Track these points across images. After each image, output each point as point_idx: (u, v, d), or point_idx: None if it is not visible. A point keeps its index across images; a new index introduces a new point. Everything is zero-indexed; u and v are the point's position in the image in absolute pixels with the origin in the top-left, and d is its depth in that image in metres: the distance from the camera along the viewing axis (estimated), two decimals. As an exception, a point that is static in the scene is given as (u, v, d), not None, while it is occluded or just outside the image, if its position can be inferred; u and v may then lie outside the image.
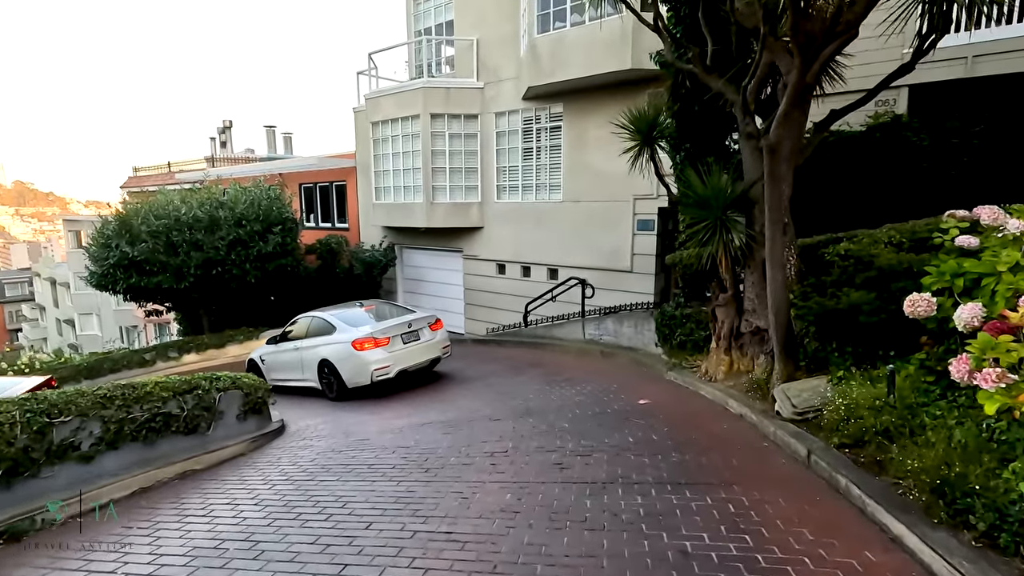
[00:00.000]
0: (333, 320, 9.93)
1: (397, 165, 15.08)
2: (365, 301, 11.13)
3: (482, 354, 11.74)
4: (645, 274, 11.96)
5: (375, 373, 9.04)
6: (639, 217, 11.93)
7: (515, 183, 13.93)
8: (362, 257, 15.70)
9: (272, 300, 17.49)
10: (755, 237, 6.35)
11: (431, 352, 9.78)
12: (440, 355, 10.01)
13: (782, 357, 5.70)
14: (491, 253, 14.56)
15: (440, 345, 9.94)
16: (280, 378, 10.57)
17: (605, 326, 10.25)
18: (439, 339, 9.94)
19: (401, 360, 9.25)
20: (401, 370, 9.24)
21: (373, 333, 9.24)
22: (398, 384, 9.52)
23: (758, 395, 6.07)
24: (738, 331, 6.80)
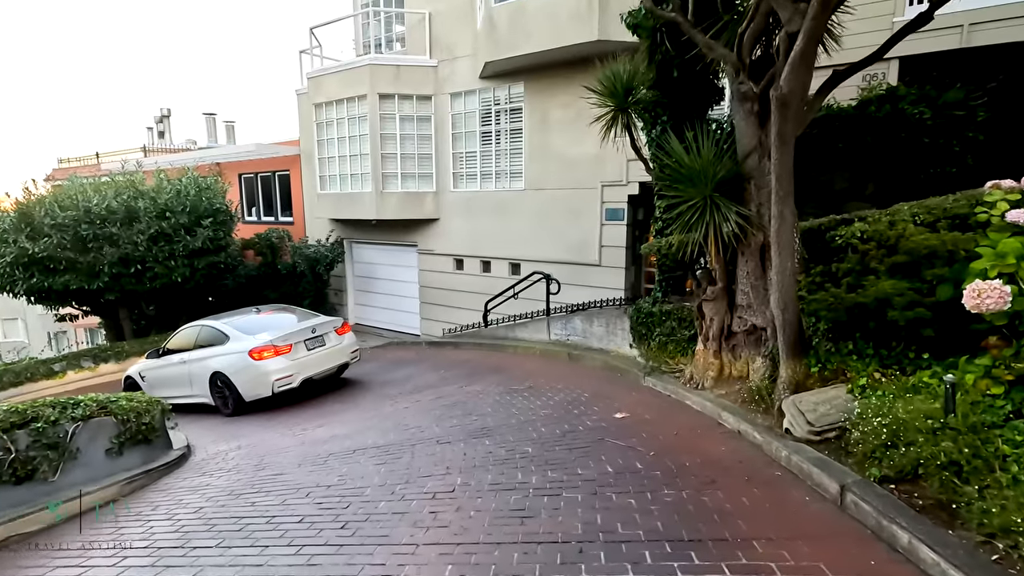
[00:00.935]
0: (226, 328, 8.82)
1: (343, 151, 13.60)
2: (263, 307, 10.24)
3: (436, 358, 10.45)
4: (615, 268, 10.90)
5: (276, 383, 8.16)
6: (608, 206, 10.86)
7: (473, 170, 12.68)
8: (306, 253, 14.15)
9: (212, 302, 15.74)
10: (750, 219, 5.30)
11: (338, 358, 9.11)
12: (348, 360, 9.39)
13: (790, 361, 4.65)
14: (448, 247, 13.27)
15: (348, 350, 9.32)
16: (165, 396, 9.24)
17: (573, 325, 9.13)
18: (346, 344, 9.31)
19: (306, 368, 8.50)
20: (306, 379, 8.53)
21: (273, 340, 8.25)
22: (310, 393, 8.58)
23: (759, 407, 5.01)
24: (729, 330, 5.74)
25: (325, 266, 14.23)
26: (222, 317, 9.53)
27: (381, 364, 10.70)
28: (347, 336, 9.48)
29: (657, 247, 6.85)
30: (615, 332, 8.26)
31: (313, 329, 8.89)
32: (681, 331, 6.64)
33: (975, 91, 6.84)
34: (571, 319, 9.18)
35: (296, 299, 14.95)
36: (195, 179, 13.72)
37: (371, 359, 11.43)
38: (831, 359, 4.59)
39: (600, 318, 8.56)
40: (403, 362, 10.55)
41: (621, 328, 8.08)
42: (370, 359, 11.43)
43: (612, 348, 8.30)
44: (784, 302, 4.50)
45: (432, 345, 11.68)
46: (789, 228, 4.44)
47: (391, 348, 12.35)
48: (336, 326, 9.39)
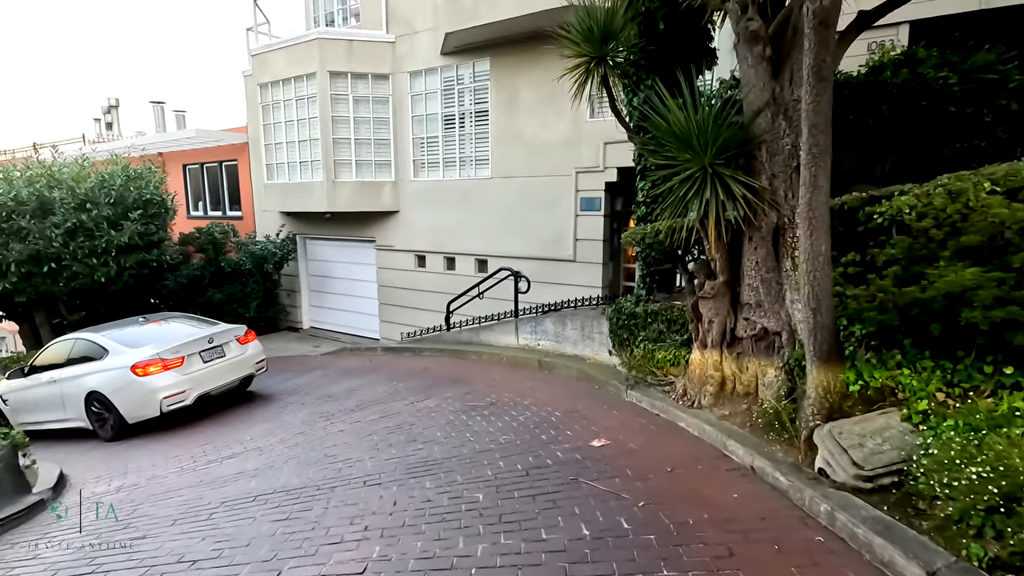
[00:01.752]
0: (104, 341, 7.57)
1: (291, 136, 12.16)
2: (151, 315, 8.97)
3: (391, 366, 9.13)
4: (591, 263, 9.73)
5: (166, 402, 7.04)
6: (583, 195, 9.69)
7: (435, 157, 11.38)
8: (252, 250, 12.65)
9: (153, 304, 14.12)
10: (760, 194, 4.14)
11: (240, 370, 8.06)
12: (253, 372, 8.35)
13: (823, 376, 3.50)
14: (408, 242, 11.95)
15: (252, 361, 8.30)
16: (32, 421, 8.06)
17: (544, 328, 7.92)
18: (250, 354, 8.27)
19: (201, 383, 7.39)
20: (201, 395, 7.40)
21: (160, 353, 7.17)
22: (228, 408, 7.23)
23: (776, 435, 3.85)
24: (732, 335, 4.59)
25: (274, 264, 12.75)
26: (102, 328, 8.24)
27: (327, 374, 9.34)
28: (251, 345, 8.35)
29: (641, 235, 5.67)
30: (592, 336, 7.07)
31: (210, 339, 7.66)
32: (671, 335, 5.47)
33: (1006, 52, 5.83)
34: (542, 321, 7.97)
35: (243, 301, 13.47)
36: (123, 166, 12.11)
37: (319, 367, 10.05)
38: (874, 374, 3.45)
39: (575, 320, 7.37)
40: (352, 371, 9.21)
41: (599, 331, 6.89)
42: (317, 367, 10.05)
43: (588, 355, 7.11)
44: (817, 299, 3.35)
45: (389, 351, 10.35)
46: (824, 200, 3.29)
47: (343, 355, 10.98)
48: (238, 334, 8.21)
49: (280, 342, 13.19)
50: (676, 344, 5.30)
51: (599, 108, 9.46)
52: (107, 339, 7.51)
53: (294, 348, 12.55)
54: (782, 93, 4.06)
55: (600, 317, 6.82)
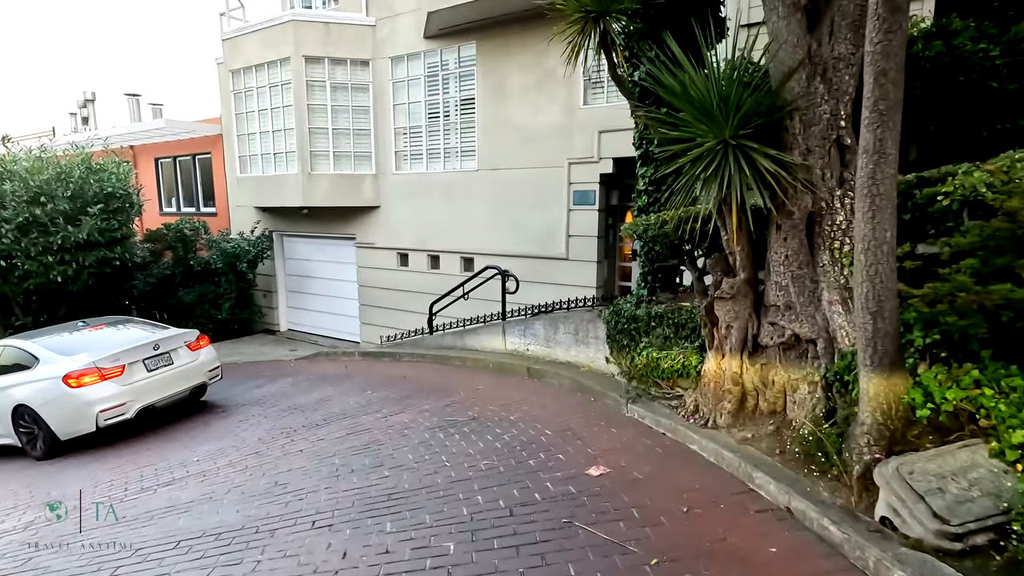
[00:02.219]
0: (35, 349, 6.75)
1: (265, 126, 11.33)
2: (92, 319, 8.08)
3: (367, 373, 8.33)
4: (584, 262, 8.99)
5: (103, 416, 6.23)
6: (576, 188, 8.95)
7: (418, 148, 10.59)
8: (223, 247, 11.78)
9: (124, 305, 13.21)
10: (793, 172, 3.41)
11: (190, 379, 7.23)
12: (205, 381, 7.51)
13: (882, 396, 2.76)
14: (390, 239, 11.15)
15: (204, 369, 7.45)
16: None
17: (534, 331, 7.16)
18: (202, 361, 7.48)
19: (144, 394, 6.61)
20: (144, 407, 6.59)
21: (97, 362, 6.39)
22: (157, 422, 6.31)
23: (820, 469, 3.11)
24: (755, 342, 3.85)
25: (247, 263, 11.89)
26: (36, 334, 7.43)
27: (298, 381, 8.52)
28: (203, 352, 7.54)
29: (643, 227, 4.92)
30: (587, 341, 6.31)
31: (155, 345, 6.86)
32: (679, 342, 4.72)
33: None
34: (531, 324, 7.20)
35: (215, 302, 12.60)
36: (83, 158, 11.21)
37: (291, 373, 9.22)
38: (946, 395, 2.72)
39: (568, 323, 6.61)
40: (326, 378, 8.40)
41: (594, 336, 6.14)
42: (289, 373, 9.22)
43: (583, 362, 6.35)
44: (879, 300, 2.62)
45: (367, 356, 9.54)
46: (893, 171, 2.57)
47: (319, 360, 10.16)
48: (188, 340, 7.40)
49: (254, 345, 12.34)
50: (685, 352, 4.55)
51: (593, 94, 8.74)
52: (38, 346, 6.66)
53: (268, 352, 11.71)
54: (819, 50, 3.34)
55: (596, 320, 6.07)
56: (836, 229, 3.37)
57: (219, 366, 7.68)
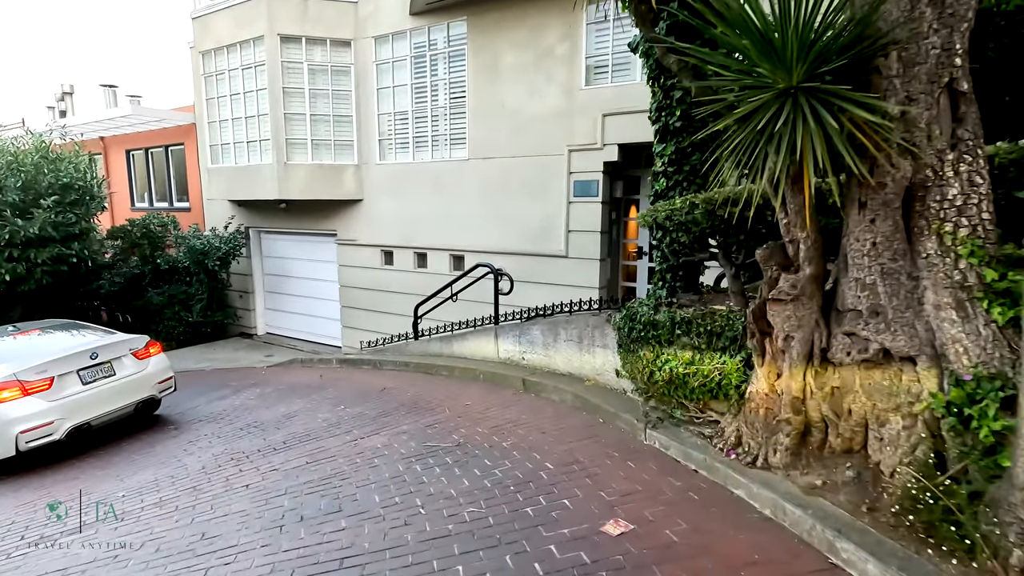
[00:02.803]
0: None
1: (238, 112, 10.34)
2: (24, 324, 7.17)
3: (344, 384, 7.36)
4: (586, 259, 8.06)
5: (24, 437, 5.22)
6: (577, 178, 8.02)
7: (404, 136, 9.63)
8: (191, 243, 10.76)
9: (89, 307, 12.17)
10: (882, 130, 2.48)
11: (136, 392, 6.16)
12: (155, 394, 6.43)
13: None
14: (374, 236, 10.18)
15: (154, 380, 6.40)
16: None
17: (530, 338, 6.21)
18: (151, 371, 6.40)
19: (77, 411, 5.59)
20: (77, 427, 5.56)
21: (19, 374, 5.47)
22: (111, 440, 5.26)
23: (940, 540, 2.18)
24: (824, 356, 2.91)
25: (218, 261, 10.87)
26: None
27: (267, 393, 7.54)
28: (153, 361, 6.50)
29: (667, 213, 3.98)
30: (592, 350, 5.37)
31: (93, 353, 5.83)
32: (711, 354, 3.77)
33: None
34: (528, 329, 6.25)
35: (186, 303, 11.58)
36: (37, 146, 10.18)
37: (261, 383, 8.22)
38: None
39: (570, 329, 5.66)
40: (298, 389, 7.42)
41: (601, 344, 5.20)
42: (259, 383, 8.23)
43: (588, 374, 5.41)
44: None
45: (346, 364, 8.56)
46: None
47: (294, 368, 9.16)
48: (135, 347, 6.36)
49: (226, 351, 11.32)
50: (722, 367, 3.61)
51: (597, 73, 7.81)
52: (-51, 356, 5.65)
53: (241, 358, 10.70)
54: (928, -40, 2.41)
55: (604, 326, 5.12)
56: (947, 207, 2.45)
57: (172, 377, 6.69)
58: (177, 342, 11.83)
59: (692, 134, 4.46)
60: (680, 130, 4.51)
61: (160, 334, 11.83)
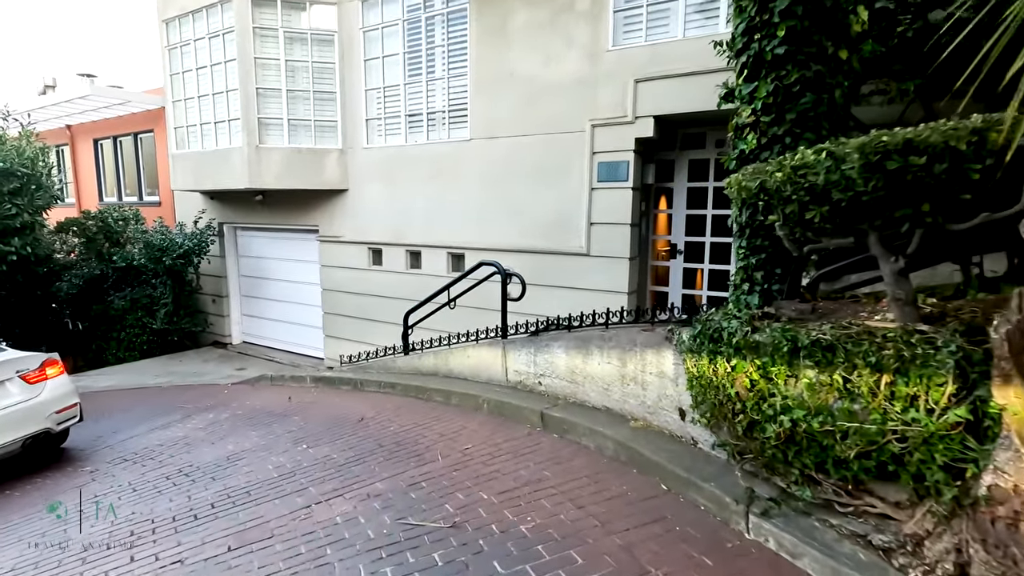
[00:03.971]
0: None
1: (205, 88, 8.86)
2: None
3: (313, 410, 5.82)
4: (612, 258, 6.56)
5: None
6: (601, 159, 6.52)
7: (396, 115, 8.15)
8: (148, 239, 9.25)
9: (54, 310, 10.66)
10: None
11: (24, 425, 4.73)
12: (51, 427, 4.96)
13: None
14: (360, 232, 8.68)
15: (49, 410, 4.93)
16: None
17: (550, 357, 4.70)
18: (46, 398, 4.94)
19: None
20: None
21: None
22: None
23: None
24: None
25: (180, 259, 9.34)
26: None
27: (220, 420, 6.01)
28: (49, 385, 5.00)
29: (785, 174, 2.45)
30: (642, 379, 3.85)
31: None
32: (879, 402, 2.24)
33: None
34: (547, 346, 4.73)
35: (149, 308, 10.08)
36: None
37: (217, 406, 6.70)
38: None
39: (608, 348, 4.14)
40: (259, 416, 5.90)
41: (655, 371, 3.68)
42: (215, 406, 6.70)
43: (635, 411, 3.89)
44: None
45: (323, 382, 7.03)
46: None
47: (262, 386, 7.64)
48: (25, 368, 4.86)
49: (194, 363, 9.80)
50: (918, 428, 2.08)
51: (628, 29, 6.31)
52: None
53: (209, 372, 9.17)
54: None
55: (661, 346, 3.59)
56: None
57: (77, 404, 5.18)
58: (141, 352, 10.33)
59: (804, 66, 2.97)
60: (783, 60, 3.01)
61: (122, 343, 10.35)
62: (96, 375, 9.19)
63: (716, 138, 6.57)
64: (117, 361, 10.40)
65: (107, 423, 6.55)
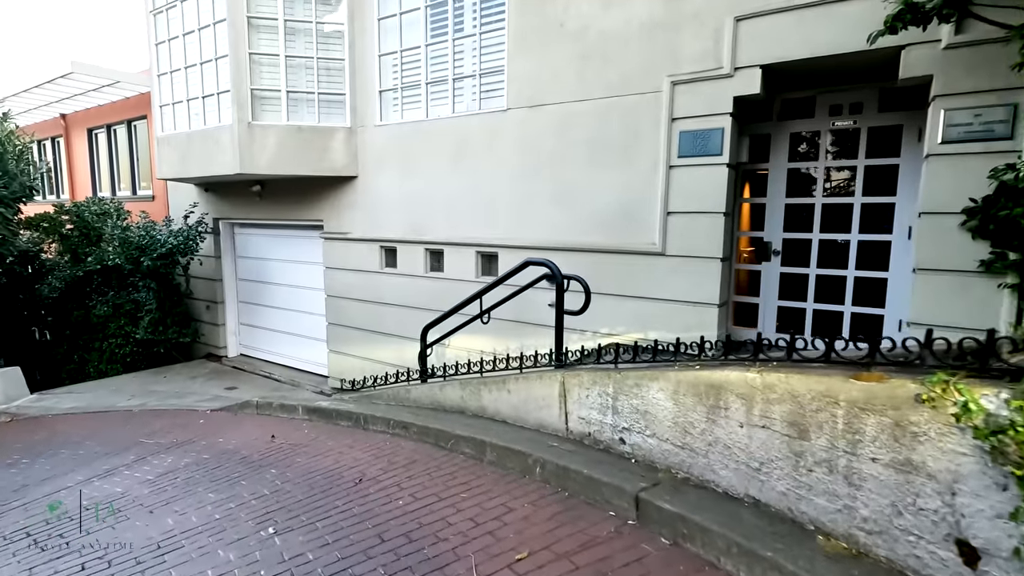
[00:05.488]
0: None
1: (193, 57, 7.47)
2: None
3: (297, 457, 4.25)
4: (696, 258, 4.90)
5: None
6: (684, 126, 4.88)
7: (415, 84, 6.64)
8: (125, 236, 7.87)
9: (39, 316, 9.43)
10: None
11: None
12: None
13: None
14: (371, 226, 7.17)
15: None
16: None
17: (640, 403, 3.08)
18: None
19: None
20: None
21: None
22: None
23: None
24: None
25: (158, 259, 7.91)
26: None
27: (179, 468, 4.49)
28: None
29: None
30: (854, 470, 2.20)
31: None
32: None
33: None
34: (637, 386, 3.10)
35: (133, 315, 8.72)
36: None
37: (181, 444, 5.18)
38: None
39: (769, 402, 2.51)
40: (227, 465, 4.37)
41: (894, 459, 2.03)
42: (179, 444, 5.18)
43: (830, 522, 2.24)
44: None
45: (316, 416, 5.47)
46: None
47: (245, 416, 6.10)
48: None
49: (179, 380, 8.37)
50: None
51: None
52: None
53: (194, 392, 7.72)
54: None
55: (905, 409, 1.93)
56: None
57: None
58: (124, 365, 8.96)
59: None
60: None
61: (104, 355, 8.99)
62: (63, 394, 7.81)
63: (831, 103, 4.91)
64: (98, 375, 9.04)
65: (43, 465, 5.09)
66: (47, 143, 12.95)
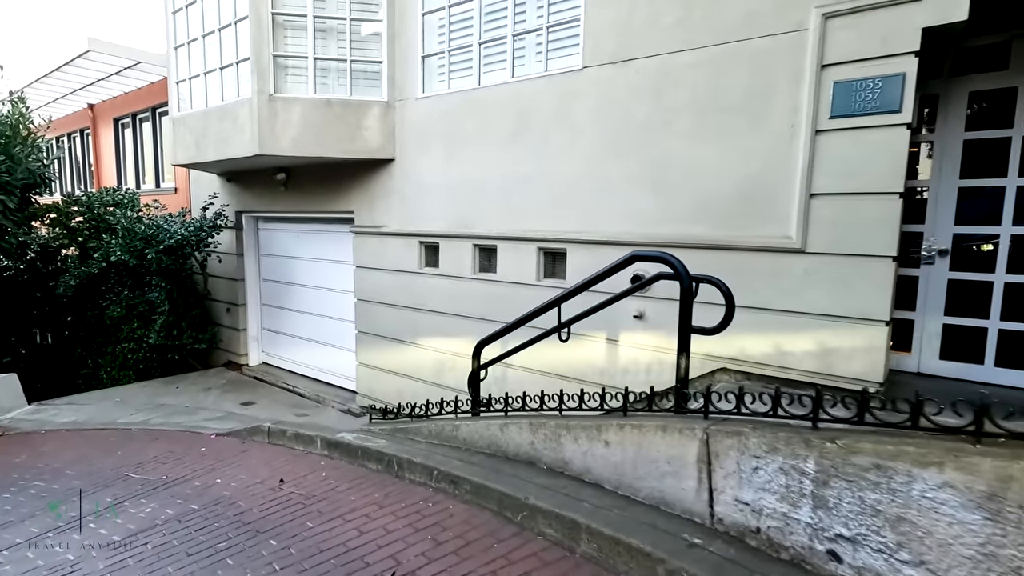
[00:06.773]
0: None
1: (211, 23, 6.50)
2: None
3: (304, 522, 3.07)
4: (853, 256, 3.50)
5: None
6: (840, 75, 3.50)
7: (465, 45, 5.44)
8: (131, 227, 6.91)
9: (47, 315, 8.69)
10: None
11: None
12: None
13: None
14: (409, 218, 6.00)
15: None
16: None
17: (875, 496, 1.76)
18: None
19: None
20: None
21: None
22: None
23: None
24: None
25: (164, 251, 6.90)
26: None
27: (156, 526, 3.38)
28: None
29: None
30: None
31: None
32: None
33: None
34: (878, 469, 1.78)
35: (146, 317, 7.80)
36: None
37: (180, 482, 4.08)
38: None
39: None
40: (215, 525, 3.24)
41: None
42: (175, 484, 4.08)
43: None
44: None
45: (340, 452, 4.29)
46: None
47: (253, 445, 4.97)
48: None
49: (191, 392, 7.37)
50: None
51: None
52: None
53: (206, 407, 6.69)
54: None
55: None
56: None
57: None
58: (136, 372, 8.06)
59: None
60: None
61: (117, 360, 8.11)
62: (63, 405, 6.89)
63: (1037, 47, 3.48)
64: (111, 381, 8.17)
65: (1, 506, 4.06)
66: (76, 136, 12.42)
